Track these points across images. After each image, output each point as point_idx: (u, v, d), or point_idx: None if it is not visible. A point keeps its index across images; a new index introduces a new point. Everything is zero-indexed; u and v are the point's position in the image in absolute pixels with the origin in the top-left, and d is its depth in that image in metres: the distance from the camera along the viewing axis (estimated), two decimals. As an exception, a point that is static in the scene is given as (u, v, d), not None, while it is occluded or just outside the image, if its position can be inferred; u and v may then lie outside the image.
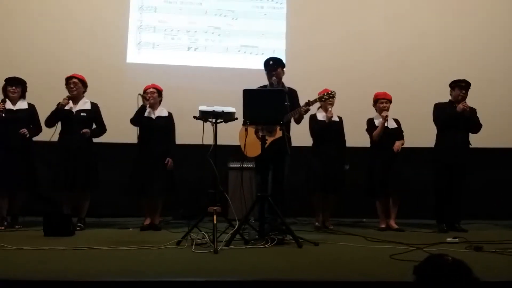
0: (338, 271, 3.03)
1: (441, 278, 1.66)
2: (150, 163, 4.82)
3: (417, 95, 6.02)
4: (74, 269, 2.94)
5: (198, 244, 3.74)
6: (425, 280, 1.69)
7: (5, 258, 3.24)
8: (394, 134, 5.05)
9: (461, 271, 1.67)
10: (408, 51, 6.32)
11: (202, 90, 5.93)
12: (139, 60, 6.15)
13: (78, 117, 4.84)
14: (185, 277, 2.76)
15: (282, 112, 3.96)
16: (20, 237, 4.17)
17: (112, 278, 2.73)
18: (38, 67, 5.73)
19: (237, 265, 3.13)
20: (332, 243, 4.01)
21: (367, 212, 5.40)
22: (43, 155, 4.90)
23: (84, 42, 6.02)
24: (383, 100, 5.06)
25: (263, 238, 3.86)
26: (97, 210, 5.26)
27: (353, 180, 5.18)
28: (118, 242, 3.89)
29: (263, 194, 4.00)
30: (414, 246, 3.71)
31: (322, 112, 5.06)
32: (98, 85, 5.33)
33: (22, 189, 4.78)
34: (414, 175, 5.35)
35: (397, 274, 2.81)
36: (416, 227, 5.09)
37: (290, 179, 4.51)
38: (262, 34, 6.29)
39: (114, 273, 2.86)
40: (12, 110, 4.72)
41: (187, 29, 6.22)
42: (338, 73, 6.07)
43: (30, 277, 2.67)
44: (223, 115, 4.08)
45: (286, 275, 2.86)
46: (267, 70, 4.48)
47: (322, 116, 5.05)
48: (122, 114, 5.06)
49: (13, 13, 5.99)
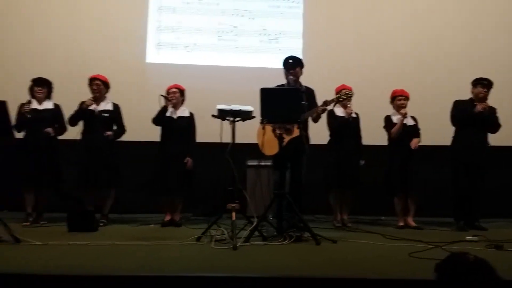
0: (356, 268, 3.04)
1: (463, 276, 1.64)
2: (171, 162, 4.89)
3: (434, 93, 5.97)
4: (97, 264, 3.01)
5: (218, 240, 3.79)
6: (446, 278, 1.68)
7: (30, 253, 3.33)
8: (411, 131, 5.02)
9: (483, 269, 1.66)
10: (425, 48, 6.27)
11: (220, 89, 5.98)
12: (158, 60, 6.23)
13: (100, 117, 4.95)
14: (204, 272, 2.80)
15: (299, 111, 3.98)
16: (44, 232, 4.27)
17: (134, 272, 2.79)
18: (61, 68, 5.84)
19: (255, 261, 3.17)
20: (350, 241, 4.01)
21: (385, 210, 5.38)
22: (67, 153, 5.02)
23: (104, 43, 6.12)
24: (401, 97, 5.04)
25: (281, 235, 3.90)
26: (120, 206, 5.36)
27: (371, 178, 5.16)
28: (139, 238, 3.97)
29: (281, 191, 4.03)
30: (433, 244, 3.70)
31: (340, 108, 5.04)
32: (118, 85, 5.41)
33: (47, 187, 4.90)
34: (432, 173, 5.32)
35: (416, 272, 2.81)
36: (435, 225, 5.05)
37: (308, 177, 4.53)
38: (280, 33, 6.31)
39: (135, 268, 2.93)
40: (38, 110, 4.84)
41: (205, 29, 6.28)
42: (355, 72, 6.05)
43: (54, 272, 2.74)
44: (241, 114, 4.12)
45: (304, 272, 2.88)
46: (285, 68, 4.50)
47: (340, 111, 5.04)
48: (142, 113, 5.14)
49: (36, 16, 6.12)
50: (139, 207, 5.70)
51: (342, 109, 5.03)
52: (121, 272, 2.80)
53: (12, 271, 2.72)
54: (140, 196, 5.51)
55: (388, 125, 5.06)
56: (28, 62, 5.92)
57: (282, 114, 3.96)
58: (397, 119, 5.00)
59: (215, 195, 4.39)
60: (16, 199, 4.98)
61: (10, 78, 5.76)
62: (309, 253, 3.50)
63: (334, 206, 5.09)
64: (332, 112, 5.03)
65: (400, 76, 6.02)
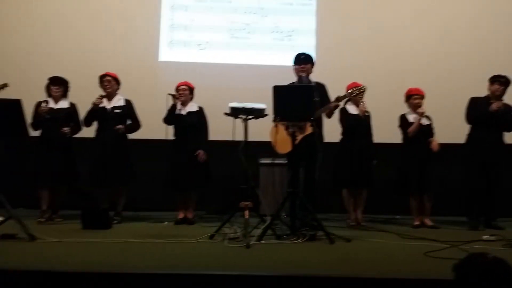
0: (370, 267, 3.01)
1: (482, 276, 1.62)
2: (184, 159, 4.90)
3: (447, 90, 5.88)
4: (111, 261, 3.03)
5: (231, 238, 3.79)
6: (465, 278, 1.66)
7: (45, 250, 3.37)
8: (426, 130, 4.97)
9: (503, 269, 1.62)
10: (439, 45, 6.16)
11: (233, 87, 5.97)
12: (171, 59, 6.24)
13: (112, 113, 4.97)
14: (217, 270, 2.81)
15: (312, 108, 3.95)
16: (59, 229, 4.31)
17: (147, 270, 2.80)
18: (75, 67, 5.86)
19: (268, 260, 3.16)
20: (364, 240, 3.98)
21: (400, 209, 5.33)
22: (82, 151, 5.05)
23: (117, 42, 6.14)
24: (417, 96, 4.98)
25: (295, 233, 3.88)
26: (134, 204, 5.39)
27: (385, 176, 5.11)
28: (153, 235, 3.99)
29: (294, 190, 4.01)
30: (449, 243, 3.65)
31: (353, 105, 4.98)
32: (132, 83, 5.45)
33: (62, 184, 4.94)
34: (447, 172, 5.25)
35: (431, 272, 2.78)
36: (451, 225, 4.99)
37: (322, 175, 4.50)
38: (292, 31, 6.28)
39: (149, 266, 2.94)
40: (54, 109, 4.88)
41: (217, 27, 6.27)
42: (369, 68, 5.98)
43: (69, 269, 2.77)
44: (253, 112, 4.10)
45: (317, 271, 2.86)
46: (296, 64, 4.47)
47: (353, 109, 4.98)
48: (155, 112, 5.15)
49: (51, 16, 6.16)
50: (152, 205, 5.73)
51: (355, 106, 4.98)
52: (134, 269, 2.81)
53: (28, 268, 2.75)
54: (154, 194, 5.52)
55: (404, 124, 5.00)
56: (42, 61, 5.97)
57: (295, 112, 3.93)
58: (413, 118, 4.94)
59: (228, 194, 4.39)
60: (31, 196, 5.03)
61: (25, 76, 5.80)
62: (323, 252, 3.48)
63: (348, 205, 5.04)
64: (345, 109, 4.98)
65: (413, 73, 5.93)
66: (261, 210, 4.34)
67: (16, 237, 3.68)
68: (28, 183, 4.98)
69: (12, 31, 6.15)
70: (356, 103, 4.94)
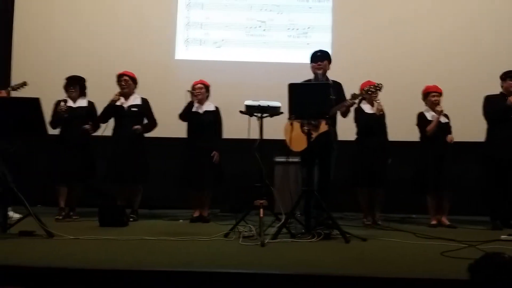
0: (386, 267, 2.97)
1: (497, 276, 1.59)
2: (198, 157, 4.92)
3: (464, 88, 5.80)
4: (127, 259, 3.05)
5: (245, 236, 3.78)
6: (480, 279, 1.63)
7: (62, 247, 3.40)
8: (444, 128, 4.90)
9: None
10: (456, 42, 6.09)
11: (248, 85, 5.98)
12: (187, 57, 6.27)
13: (129, 112, 5.02)
14: (232, 268, 2.80)
15: (327, 106, 3.92)
16: (76, 227, 4.37)
17: (162, 267, 2.81)
18: (91, 65, 5.95)
19: (283, 258, 3.15)
20: (380, 239, 3.94)
21: (417, 208, 5.27)
22: (99, 149, 5.11)
23: (134, 40, 6.20)
24: (435, 94, 4.91)
25: (310, 232, 3.86)
26: (149, 202, 5.44)
27: (400, 175, 5.05)
28: (168, 233, 4.01)
29: (309, 188, 3.99)
30: (467, 243, 3.59)
31: (367, 104, 4.94)
32: (148, 81, 5.49)
33: (80, 182, 5.00)
34: (465, 170, 5.18)
35: (448, 272, 2.74)
36: (469, 224, 4.92)
37: (337, 174, 4.47)
38: (308, 28, 6.25)
39: (164, 263, 2.95)
40: (72, 108, 4.94)
41: (233, 24, 6.27)
42: (385, 66, 5.94)
43: (85, 266, 2.79)
44: (268, 109, 4.10)
45: (333, 270, 2.84)
46: (313, 61, 4.45)
47: (368, 108, 4.94)
48: (171, 110, 5.18)
49: (67, 14, 6.26)
50: (168, 203, 5.77)
51: (369, 105, 4.94)
52: (150, 267, 2.82)
53: (45, 265, 2.78)
54: (169, 192, 5.57)
55: (422, 122, 4.94)
56: (60, 60, 6.07)
57: (310, 110, 3.91)
58: (431, 116, 4.88)
59: (243, 192, 4.39)
60: (49, 194, 5.12)
61: (43, 75, 5.90)
62: (338, 251, 3.46)
63: (364, 204, 5.00)
64: (360, 108, 4.95)
65: (430, 70, 5.87)
66: (276, 209, 4.33)
67: (34, 234, 3.74)
68: (46, 181, 5.07)
69: (30, 30, 6.26)
70: (371, 102, 4.90)
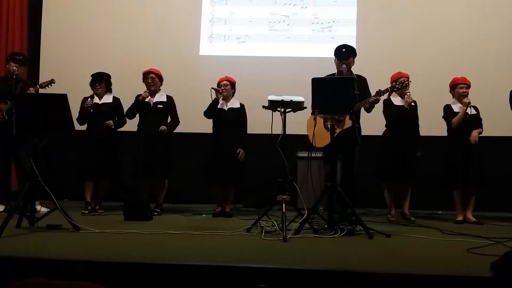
0: (410, 264, 2.93)
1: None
2: (223, 154, 4.94)
3: (495, 81, 5.64)
4: (151, 252, 3.10)
5: (268, 231, 3.79)
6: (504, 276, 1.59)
7: (88, 240, 3.48)
8: (473, 121, 4.76)
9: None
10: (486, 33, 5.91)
11: (271, 80, 5.95)
12: (211, 52, 6.29)
13: (155, 109, 5.08)
14: (254, 263, 2.81)
15: (352, 101, 3.88)
16: (102, 221, 4.46)
17: (185, 261, 2.85)
18: (118, 62, 6.03)
19: (306, 254, 3.14)
20: (405, 235, 3.89)
21: (442, 203, 5.17)
22: (124, 144, 5.19)
23: (159, 36, 6.25)
24: (463, 85, 4.78)
25: (332, 228, 3.84)
26: (173, 196, 5.49)
27: (427, 170, 4.96)
28: (192, 227, 4.04)
29: (332, 184, 3.96)
30: (494, 240, 3.52)
31: (398, 97, 4.83)
32: (173, 78, 5.54)
33: (106, 177, 5.09)
34: (493, 165, 5.03)
35: (474, 269, 2.69)
36: (496, 221, 4.79)
37: (360, 169, 4.43)
38: (332, 22, 6.19)
39: (187, 257, 2.99)
40: (98, 104, 5.03)
41: (256, 20, 6.26)
42: (411, 59, 5.82)
43: (111, 259, 2.84)
44: (291, 104, 4.07)
45: (356, 266, 2.82)
46: (338, 57, 4.40)
47: (398, 100, 4.83)
48: (196, 105, 5.22)
49: (94, 11, 6.34)
50: (191, 198, 5.82)
51: (400, 98, 4.84)
52: (173, 260, 2.86)
53: (71, 258, 2.85)
54: (192, 187, 5.62)
55: (449, 115, 4.81)
56: (87, 56, 6.16)
57: (334, 105, 3.87)
58: (458, 108, 4.75)
59: (266, 187, 4.39)
60: (76, 188, 5.23)
61: (70, 71, 6.01)
62: (361, 247, 3.42)
63: (389, 200, 4.92)
64: (390, 101, 4.85)
65: (459, 63, 5.73)
66: (299, 204, 4.32)
67: (61, 227, 3.83)
68: (73, 175, 5.17)
69: (58, 27, 6.37)
70: (402, 94, 4.81)
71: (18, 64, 5.02)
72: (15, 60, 5.03)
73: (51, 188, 3.88)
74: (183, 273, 2.72)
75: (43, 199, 4.07)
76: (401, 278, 2.62)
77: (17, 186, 5.29)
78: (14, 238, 3.48)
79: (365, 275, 2.65)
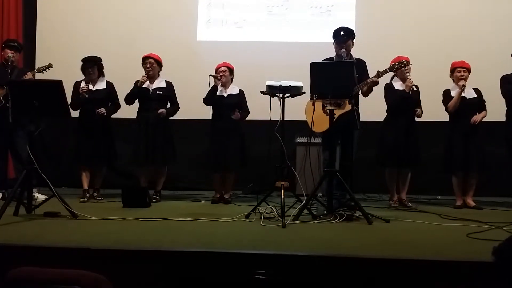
0: (410, 249, 2.93)
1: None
2: (223, 140, 4.91)
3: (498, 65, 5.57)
4: (150, 239, 3.08)
5: (267, 218, 3.78)
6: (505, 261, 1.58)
7: (86, 227, 3.47)
8: (473, 104, 4.72)
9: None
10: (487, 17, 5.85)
11: (270, 65, 5.90)
12: (208, 38, 6.22)
13: (154, 95, 5.04)
14: (253, 249, 2.80)
15: (351, 85, 3.85)
16: (100, 208, 4.45)
17: (183, 248, 2.84)
18: (114, 47, 5.98)
19: (305, 239, 3.13)
20: (404, 221, 3.88)
21: (441, 188, 5.16)
22: (123, 131, 5.15)
23: (157, 21, 6.19)
24: (461, 69, 4.73)
25: (331, 213, 3.82)
26: (172, 183, 5.48)
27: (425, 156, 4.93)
28: (190, 214, 4.03)
29: (331, 169, 3.94)
30: (493, 224, 3.51)
31: (399, 81, 4.78)
32: (170, 63, 5.47)
33: (102, 164, 5.07)
34: (493, 150, 5.01)
35: (474, 254, 2.68)
36: (495, 205, 4.79)
37: (359, 154, 4.40)
38: (331, 5, 6.11)
39: (186, 243, 2.99)
40: (92, 91, 4.96)
41: (254, 4, 6.18)
42: (411, 43, 5.76)
43: (109, 246, 2.83)
44: (290, 90, 4.04)
45: (355, 251, 2.81)
46: (336, 40, 4.35)
47: (399, 85, 4.77)
48: (194, 91, 5.18)
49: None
50: (190, 184, 5.81)
51: (401, 82, 4.79)
52: (172, 247, 2.85)
53: (70, 245, 2.84)
54: (191, 174, 5.61)
55: (447, 99, 4.77)
56: (84, 43, 6.08)
57: (333, 89, 3.83)
58: (456, 92, 4.73)
59: (264, 173, 4.37)
60: (73, 176, 5.21)
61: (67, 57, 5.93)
62: (360, 232, 3.42)
63: (390, 185, 4.89)
64: (391, 85, 4.80)
65: (461, 46, 5.68)
66: (297, 190, 4.31)
67: (58, 215, 3.81)
68: (70, 162, 5.15)
69: (54, 12, 6.30)
70: (403, 79, 4.75)
71: (13, 50, 4.98)
72: (10, 47, 4.99)
73: (49, 176, 3.85)
74: (181, 259, 2.71)
75: (40, 186, 4.05)
76: (400, 263, 2.62)
77: (14, 174, 5.27)
78: (12, 225, 3.46)
79: (365, 261, 2.64)
